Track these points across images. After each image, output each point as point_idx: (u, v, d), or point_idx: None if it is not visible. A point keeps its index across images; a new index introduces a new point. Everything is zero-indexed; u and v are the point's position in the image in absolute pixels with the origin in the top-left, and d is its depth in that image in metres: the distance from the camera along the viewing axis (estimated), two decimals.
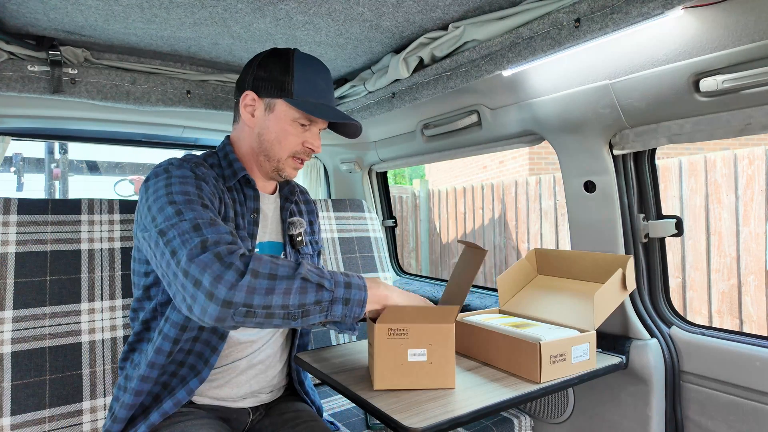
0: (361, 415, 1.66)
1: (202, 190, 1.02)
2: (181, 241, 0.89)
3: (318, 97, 1.18)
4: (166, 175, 1.03)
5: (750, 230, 3.30)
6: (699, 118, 1.16)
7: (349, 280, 0.95)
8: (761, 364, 1.18)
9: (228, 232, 0.93)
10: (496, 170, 7.93)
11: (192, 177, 1.04)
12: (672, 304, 1.46)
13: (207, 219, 0.94)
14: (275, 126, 1.16)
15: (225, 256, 0.86)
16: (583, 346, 1.17)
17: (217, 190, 1.11)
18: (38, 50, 1.36)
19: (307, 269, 0.91)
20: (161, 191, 1.00)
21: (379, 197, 2.53)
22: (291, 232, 1.29)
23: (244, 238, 1.15)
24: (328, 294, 0.91)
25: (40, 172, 5.32)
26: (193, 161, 1.11)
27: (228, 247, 0.88)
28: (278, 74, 1.15)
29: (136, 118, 1.72)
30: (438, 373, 1.02)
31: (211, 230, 0.91)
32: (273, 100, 1.15)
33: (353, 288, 0.94)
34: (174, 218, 0.93)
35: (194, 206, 0.96)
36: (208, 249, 0.87)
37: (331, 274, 0.94)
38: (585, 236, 1.50)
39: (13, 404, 1.28)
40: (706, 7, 0.99)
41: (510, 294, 1.53)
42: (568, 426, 1.58)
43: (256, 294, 0.84)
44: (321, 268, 0.95)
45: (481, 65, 1.31)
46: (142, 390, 1.08)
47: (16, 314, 1.33)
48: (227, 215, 1.11)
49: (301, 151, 1.19)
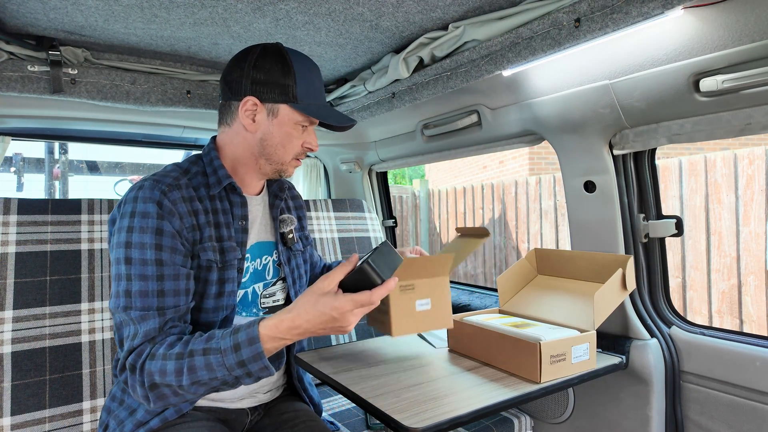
0: (361, 415, 1.66)
1: (162, 235, 1.02)
2: (123, 337, 1.00)
3: (318, 98, 1.17)
4: (131, 210, 1.03)
5: (750, 230, 3.29)
6: (699, 118, 1.16)
7: (241, 357, 0.92)
8: (761, 364, 1.18)
9: (163, 314, 1.00)
10: (496, 170, 7.93)
11: (154, 216, 1.01)
12: (672, 304, 1.46)
13: (152, 290, 1.00)
14: (279, 131, 1.14)
15: (135, 371, 0.95)
16: (583, 346, 1.17)
17: (191, 215, 1.07)
18: (38, 50, 1.36)
19: (204, 347, 0.94)
20: (123, 235, 1.02)
21: (379, 197, 2.53)
22: (282, 230, 1.28)
23: (232, 249, 1.13)
24: (230, 376, 0.94)
25: (40, 172, 5.33)
26: (168, 183, 1.06)
27: (138, 354, 0.96)
28: (279, 77, 1.11)
29: (136, 118, 1.72)
30: (439, 317, 1.20)
31: (142, 326, 0.98)
32: (276, 105, 1.13)
33: (247, 363, 0.92)
34: (122, 282, 1.00)
35: (146, 269, 1.00)
36: (127, 359, 0.97)
37: (222, 357, 0.92)
38: (585, 236, 1.50)
39: (13, 404, 1.28)
40: (706, 7, 0.99)
41: (510, 294, 1.53)
42: (568, 426, 1.57)
43: (169, 398, 0.96)
44: (213, 346, 0.94)
45: (481, 65, 1.31)
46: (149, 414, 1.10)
47: (16, 314, 1.33)
48: (203, 236, 1.09)
49: (301, 152, 1.20)
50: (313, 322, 0.93)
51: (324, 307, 0.92)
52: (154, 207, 1.02)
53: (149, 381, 0.93)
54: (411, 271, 1.16)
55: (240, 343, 0.92)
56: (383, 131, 2.09)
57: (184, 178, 1.11)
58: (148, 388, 0.94)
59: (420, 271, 1.18)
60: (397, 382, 1.12)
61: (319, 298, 0.93)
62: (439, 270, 1.20)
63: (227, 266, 1.12)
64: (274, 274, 1.26)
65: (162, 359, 0.93)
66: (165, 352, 0.94)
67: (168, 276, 1.01)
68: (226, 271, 1.12)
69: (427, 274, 1.19)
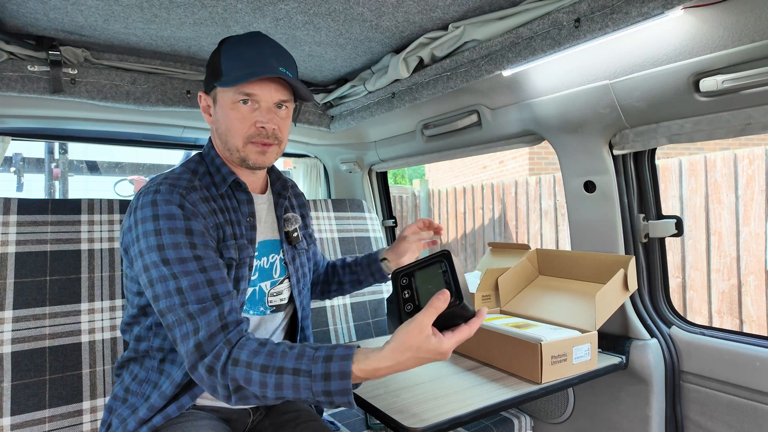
0: (361, 415, 1.66)
1: (192, 235, 1.00)
2: (180, 335, 0.96)
3: (245, 67, 1.07)
4: (152, 214, 1.00)
5: (750, 230, 3.29)
6: (699, 118, 1.16)
7: (329, 388, 0.88)
8: (761, 364, 1.17)
9: (220, 302, 0.98)
10: (496, 170, 7.93)
11: (181, 217, 1.00)
12: (672, 304, 1.46)
13: (201, 281, 0.97)
14: (221, 115, 1.11)
15: (216, 374, 0.93)
16: (585, 347, 1.17)
17: (212, 214, 1.08)
18: (38, 50, 1.36)
19: (294, 367, 0.90)
20: (151, 239, 0.99)
21: (379, 197, 2.53)
22: (287, 229, 1.26)
23: (245, 246, 1.13)
24: (312, 399, 0.90)
25: (40, 172, 5.32)
26: (184, 186, 1.05)
27: (216, 356, 0.93)
28: (212, 65, 1.11)
29: (136, 118, 1.72)
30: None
31: (203, 319, 0.95)
32: (214, 91, 1.11)
33: (333, 395, 0.89)
34: (170, 282, 0.97)
35: (187, 266, 0.98)
36: (201, 361, 0.94)
37: (311, 381, 0.89)
38: (585, 236, 1.50)
39: (13, 404, 1.28)
40: (706, 7, 0.99)
41: (511, 294, 1.53)
42: (568, 426, 1.57)
43: (250, 399, 0.93)
44: (306, 364, 0.90)
45: (481, 65, 1.31)
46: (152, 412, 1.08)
47: (16, 314, 1.33)
48: (225, 234, 1.09)
49: (255, 134, 1.09)
50: (413, 365, 0.89)
51: (429, 354, 0.87)
52: (178, 209, 1.01)
53: (234, 385, 0.92)
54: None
55: (331, 374, 0.88)
56: (383, 131, 2.09)
57: (196, 180, 1.10)
58: (233, 391, 0.92)
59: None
60: (396, 382, 1.12)
61: (421, 345, 0.86)
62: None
63: (242, 264, 1.12)
64: (281, 272, 1.25)
65: (246, 367, 0.91)
66: (249, 360, 0.92)
67: (210, 267, 1.00)
68: (241, 268, 1.12)
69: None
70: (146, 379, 1.11)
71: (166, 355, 1.11)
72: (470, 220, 5.92)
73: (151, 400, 1.07)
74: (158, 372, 1.11)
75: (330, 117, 2.00)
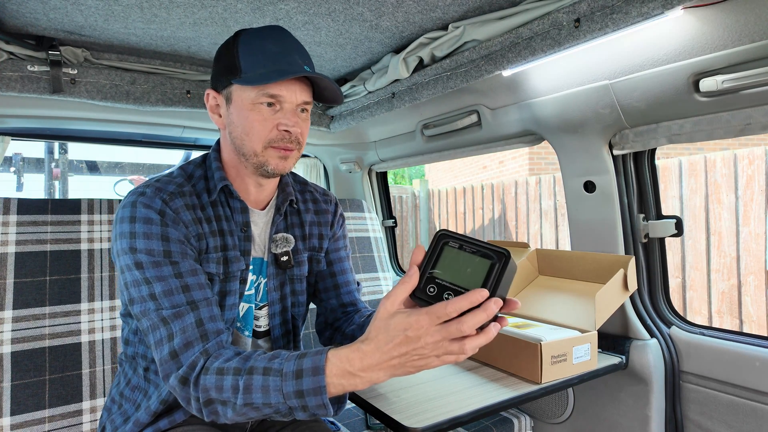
0: (361, 415, 1.66)
1: (169, 242, 0.94)
2: (154, 341, 0.91)
3: (269, 64, 0.97)
4: (130, 216, 0.95)
5: (750, 230, 3.30)
6: (699, 118, 1.16)
7: (300, 387, 0.79)
8: (761, 364, 1.17)
9: (196, 307, 0.92)
10: (496, 170, 7.93)
11: (158, 223, 0.94)
12: (672, 304, 1.46)
13: (176, 287, 0.92)
14: (238, 116, 0.99)
15: (189, 385, 0.87)
16: (585, 347, 1.17)
17: (196, 223, 1.00)
18: (38, 50, 1.36)
19: (265, 366, 0.83)
20: (125, 241, 0.94)
21: (379, 197, 2.53)
22: (274, 251, 1.12)
23: (237, 259, 1.05)
24: (284, 405, 0.82)
25: (40, 172, 5.32)
26: (170, 191, 0.99)
27: (191, 367, 0.87)
28: (226, 59, 1.00)
29: (136, 118, 1.72)
30: None
31: (177, 324, 0.90)
32: (228, 89, 1.00)
33: (305, 395, 0.79)
34: (143, 287, 0.92)
35: (161, 270, 0.92)
36: (176, 371, 0.88)
37: (281, 381, 0.80)
38: (585, 236, 1.50)
39: (13, 404, 1.28)
40: (706, 7, 0.99)
41: (511, 294, 1.53)
42: (568, 426, 1.57)
43: (219, 415, 0.86)
44: (275, 376, 0.81)
45: (481, 65, 1.31)
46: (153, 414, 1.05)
47: (16, 314, 1.33)
48: (209, 246, 1.02)
49: (277, 138, 0.99)
50: (405, 359, 0.75)
51: (405, 333, 0.73)
52: (157, 215, 0.95)
53: (204, 397, 0.84)
54: None
55: (303, 370, 0.79)
56: (383, 131, 2.09)
57: (188, 185, 1.04)
58: (203, 404, 0.85)
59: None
60: (396, 382, 1.12)
61: (390, 324, 0.75)
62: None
63: (230, 277, 1.05)
64: (263, 297, 1.15)
65: (217, 373, 0.84)
66: (221, 366, 0.85)
67: (186, 273, 0.94)
68: (228, 282, 1.05)
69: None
70: (137, 386, 1.09)
71: (149, 364, 1.06)
72: (470, 220, 5.92)
73: (138, 414, 1.04)
74: (145, 380, 1.07)
75: (330, 117, 2.00)
